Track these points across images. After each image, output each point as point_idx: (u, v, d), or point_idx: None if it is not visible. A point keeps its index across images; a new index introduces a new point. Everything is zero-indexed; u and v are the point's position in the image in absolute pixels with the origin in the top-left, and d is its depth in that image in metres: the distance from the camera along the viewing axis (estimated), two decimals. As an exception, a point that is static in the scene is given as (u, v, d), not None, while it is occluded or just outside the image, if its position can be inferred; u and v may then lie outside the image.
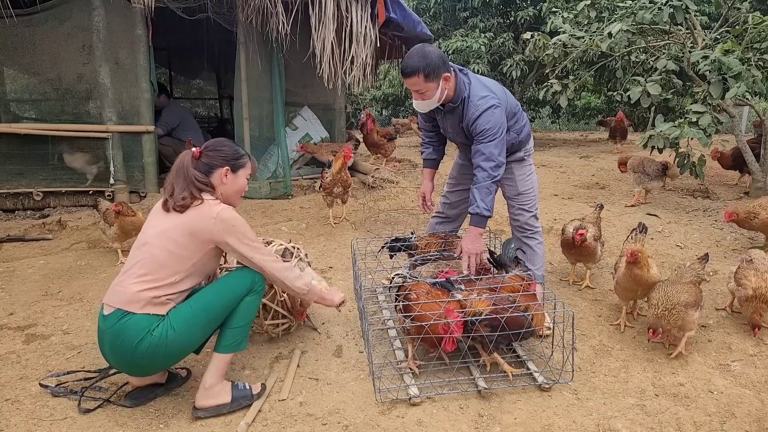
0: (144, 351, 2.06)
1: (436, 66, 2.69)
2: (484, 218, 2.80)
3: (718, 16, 6.28)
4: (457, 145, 3.27)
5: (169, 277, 2.12)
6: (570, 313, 2.52)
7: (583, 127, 15.12)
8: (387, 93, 15.24)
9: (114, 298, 2.12)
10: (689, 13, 5.08)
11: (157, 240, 2.15)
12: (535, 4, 9.81)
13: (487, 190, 2.77)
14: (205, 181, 2.26)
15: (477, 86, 2.83)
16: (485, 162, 2.76)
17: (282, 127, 5.89)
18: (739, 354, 2.73)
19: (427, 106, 2.87)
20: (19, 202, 5.14)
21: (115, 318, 2.08)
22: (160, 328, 2.08)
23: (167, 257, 2.13)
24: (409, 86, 2.81)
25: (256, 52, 5.59)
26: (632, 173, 5.33)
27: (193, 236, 2.15)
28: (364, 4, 5.07)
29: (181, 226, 2.15)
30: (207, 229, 2.16)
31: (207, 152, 2.31)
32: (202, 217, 2.16)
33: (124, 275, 2.15)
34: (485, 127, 2.75)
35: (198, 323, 2.15)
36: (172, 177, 2.26)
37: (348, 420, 2.21)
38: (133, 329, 2.05)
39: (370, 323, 2.82)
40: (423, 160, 3.39)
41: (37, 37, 5.16)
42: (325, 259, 4.07)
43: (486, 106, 2.76)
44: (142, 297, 2.08)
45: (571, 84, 5.98)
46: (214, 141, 2.38)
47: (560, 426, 2.19)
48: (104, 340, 2.13)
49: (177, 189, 2.22)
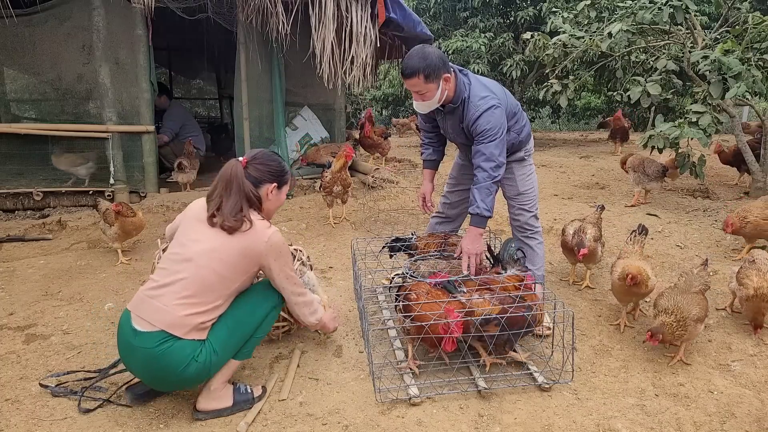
0: (188, 376, 2.07)
1: (436, 67, 2.69)
2: (484, 218, 2.80)
3: (718, 16, 6.28)
4: (457, 146, 3.27)
5: (215, 301, 2.10)
6: (570, 313, 2.52)
7: (583, 127, 15.11)
8: (387, 93, 15.23)
9: (154, 315, 2.04)
10: (689, 13, 5.08)
11: (206, 260, 2.08)
12: (535, 4, 9.81)
13: (487, 191, 2.77)
14: (257, 195, 2.21)
15: (477, 87, 2.83)
16: (486, 162, 2.76)
17: (282, 127, 5.89)
18: (739, 354, 2.73)
19: (428, 107, 2.87)
20: (19, 202, 5.14)
21: (156, 340, 2.01)
22: (204, 353, 2.07)
23: (216, 280, 2.08)
24: (409, 87, 2.81)
25: (256, 52, 5.59)
26: (632, 173, 5.34)
27: (243, 259, 2.12)
28: (364, 4, 5.06)
29: (231, 248, 2.09)
30: (258, 253, 2.14)
31: (256, 165, 2.24)
32: (254, 240, 2.12)
33: (164, 290, 2.07)
34: (485, 128, 2.75)
35: (234, 342, 2.19)
36: (221, 188, 2.16)
37: (348, 420, 2.21)
38: (178, 356, 2.02)
39: (370, 323, 2.82)
40: (423, 161, 3.38)
41: (37, 37, 5.17)
42: (325, 259, 4.07)
43: (486, 106, 2.76)
44: (188, 322, 2.03)
45: (571, 84, 5.98)
46: (261, 153, 2.31)
47: (560, 426, 2.19)
48: (135, 355, 2.06)
49: (228, 203, 2.12)
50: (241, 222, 2.11)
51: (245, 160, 2.24)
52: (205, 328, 2.10)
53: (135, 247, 4.35)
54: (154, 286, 2.11)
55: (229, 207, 2.12)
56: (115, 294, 3.44)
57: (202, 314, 2.07)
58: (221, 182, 2.18)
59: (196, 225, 2.19)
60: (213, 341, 2.11)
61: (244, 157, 2.27)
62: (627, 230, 4.53)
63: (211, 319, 2.11)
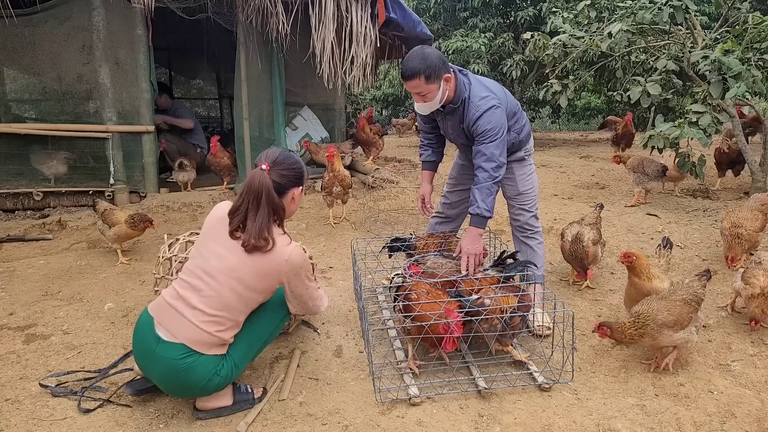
0: (210, 388, 2.11)
1: (436, 67, 2.69)
2: (484, 219, 2.80)
3: (718, 16, 6.28)
4: (457, 146, 3.27)
5: (236, 317, 2.12)
6: (570, 313, 2.52)
7: (583, 127, 15.11)
8: (387, 93, 15.24)
9: (176, 328, 2.04)
10: (689, 13, 5.07)
11: (225, 278, 2.05)
12: (535, 4, 9.81)
13: (488, 191, 2.77)
14: (282, 204, 2.14)
15: (477, 87, 2.83)
16: (486, 163, 2.76)
17: (282, 127, 5.89)
18: (739, 354, 2.73)
19: (429, 108, 2.87)
20: (19, 202, 5.14)
21: (179, 353, 2.02)
22: (226, 368, 2.11)
23: (237, 300, 2.08)
24: (409, 89, 2.80)
25: (256, 52, 5.59)
26: (632, 173, 5.33)
27: (262, 279, 2.10)
28: (364, 4, 5.06)
29: (249, 268, 2.05)
30: (277, 272, 2.10)
31: (280, 171, 2.13)
32: (274, 260, 2.07)
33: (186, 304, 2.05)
34: (486, 128, 2.75)
35: (252, 352, 2.28)
36: (247, 202, 2.06)
37: (348, 420, 2.21)
38: (201, 371, 2.04)
39: (370, 323, 2.82)
40: (422, 162, 3.38)
41: (37, 37, 5.16)
42: (325, 259, 4.07)
43: (487, 106, 2.76)
44: (211, 340, 2.04)
45: (571, 84, 5.97)
46: (281, 155, 2.17)
47: (560, 426, 2.19)
48: (156, 363, 2.06)
49: (254, 220, 2.04)
50: (265, 242, 2.05)
51: (267, 166, 2.12)
52: (226, 344, 2.13)
53: (135, 247, 4.35)
54: (175, 295, 2.10)
55: (256, 225, 2.04)
56: (115, 294, 3.44)
57: (224, 331, 2.09)
58: (249, 194, 2.07)
59: (218, 230, 2.13)
60: (234, 355, 2.15)
61: (265, 162, 2.13)
62: (627, 230, 4.54)
63: (232, 335, 2.14)
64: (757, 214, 3.67)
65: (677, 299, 2.54)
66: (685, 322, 2.49)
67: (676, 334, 2.47)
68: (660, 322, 2.44)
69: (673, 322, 2.46)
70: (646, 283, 2.79)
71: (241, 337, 2.17)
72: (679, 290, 2.62)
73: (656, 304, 2.51)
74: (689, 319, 2.51)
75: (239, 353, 2.17)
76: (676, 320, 2.46)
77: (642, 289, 2.79)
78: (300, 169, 2.23)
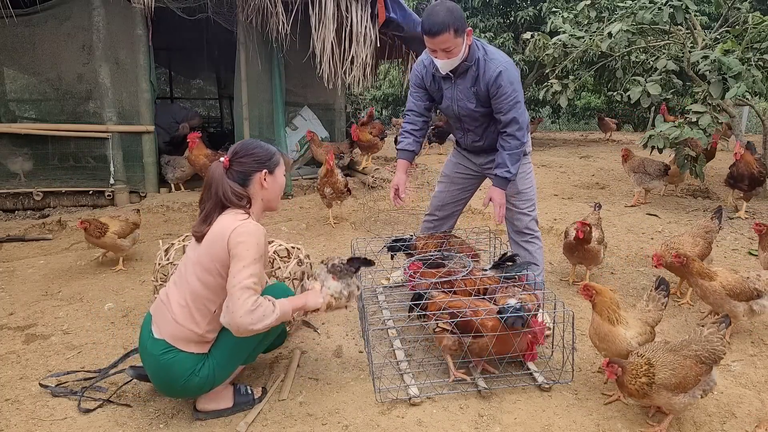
0: (191, 388, 2.11)
1: (462, 20, 2.65)
2: (509, 182, 2.90)
3: (718, 16, 6.28)
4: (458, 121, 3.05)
5: (208, 306, 2.04)
6: (570, 313, 2.52)
7: (583, 127, 15.12)
8: (387, 93, 15.24)
9: (163, 324, 2.09)
10: (689, 13, 5.08)
11: (191, 267, 2.07)
12: (535, 4, 9.81)
13: (517, 156, 2.87)
14: (242, 193, 2.10)
15: (490, 48, 2.84)
16: (518, 131, 2.81)
17: (282, 127, 5.90)
18: (739, 354, 2.73)
19: (452, 64, 2.77)
20: (19, 202, 5.15)
21: (160, 348, 2.05)
22: (206, 368, 2.08)
23: (201, 288, 2.04)
24: (435, 45, 2.67)
25: (256, 52, 5.59)
26: (632, 173, 5.33)
27: (211, 249, 2.02)
28: (364, 4, 5.07)
29: (205, 250, 2.04)
30: (222, 237, 1.99)
31: (238, 159, 2.11)
32: (220, 230, 2.01)
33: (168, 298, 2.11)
34: (507, 88, 2.73)
35: (241, 354, 2.20)
36: (204, 195, 2.11)
37: (348, 420, 2.21)
38: (179, 368, 2.05)
39: (370, 323, 2.81)
40: (398, 150, 3.18)
41: (37, 37, 5.17)
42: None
43: (504, 63, 2.75)
44: (188, 335, 2.05)
45: (571, 84, 5.97)
46: (242, 144, 2.17)
47: (560, 426, 2.18)
48: (147, 360, 2.13)
49: (203, 213, 2.08)
50: (205, 227, 2.06)
51: (227, 159, 2.12)
52: (206, 342, 2.10)
53: (135, 247, 4.35)
54: (164, 293, 2.16)
55: (201, 216, 2.09)
56: (115, 294, 3.44)
57: (196, 325, 2.06)
58: (206, 187, 2.12)
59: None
60: (216, 355, 2.12)
61: (226, 155, 2.14)
62: (627, 230, 4.54)
63: (209, 331, 2.08)
64: (698, 240, 3.34)
65: (690, 354, 2.08)
66: (691, 385, 2.05)
67: (676, 398, 2.05)
68: (660, 383, 2.02)
69: (675, 386, 2.03)
70: (604, 325, 2.34)
71: (225, 339, 2.12)
72: (693, 343, 2.12)
73: (663, 356, 2.08)
74: (696, 381, 2.06)
75: (224, 354, 2.12)
76: (679, 384, 2.03)
77: (599, 331, 2.36)
78: (262, 153, 2.14)
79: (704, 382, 2.09)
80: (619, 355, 2.27)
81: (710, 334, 2.15)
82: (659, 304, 2.45)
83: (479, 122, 2.97)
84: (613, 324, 2.33)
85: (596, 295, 2.36)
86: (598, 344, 2.38)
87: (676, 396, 2.03)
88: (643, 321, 2.40)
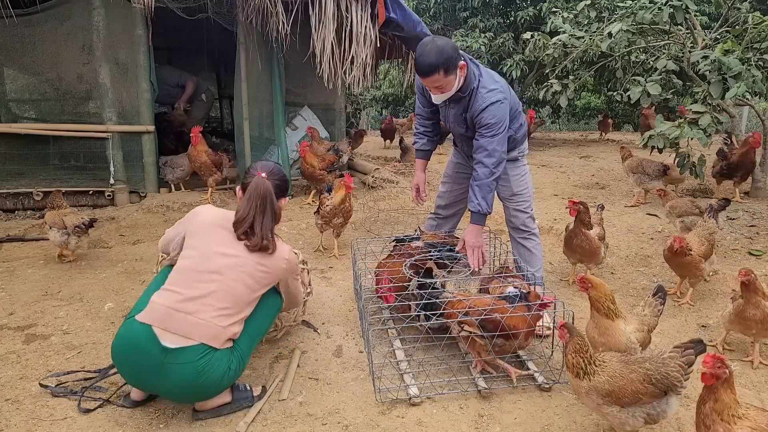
0: (224, 385, 2.15)
1: (453, 58, 2.67)
2: (483, 216, 2.83)
3: (718, 16, 6.27)
4: (454, 137, 3.25)
5: (245, 310, 2.19)
6: (570, 313, 2.52)
7: (583, 127, 15.11)
8: (387, 93, 15.23)
9: (190, 329, 2.04)
10: (689, 13, 5.07)
11: (235, 274, 2.15)
12: (535, 4, 9.80)
13: (488, 188, 2.79)
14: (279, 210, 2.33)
15: (486, 78, 2.84)
16: (487, 158, 2.76)
17: (282, 127, 5.89)
18: (739, 354, 2.73)
19: (445, 97, 2.85)
20: (19, 202, 5.14)
21: (196, 354, 2.03)
22: (235, 361, 2.15)
23: (245, 292, 2.17)
24: (428, 84, 2.78)
25: (256, 52, 5.59)
26: (632, 175, 5.34)
27: (266, 275, 2.23)
28: (364, 4, 5.06)
29: (254, 264, 2.18)
30: (279, 269, 2.26)
31: (275, 180, 2.34)
32: (276, 260, 2.24)
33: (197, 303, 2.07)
34: (489, 121, 2.75)
35: (254, 344, 2.32)
36: (254, 208, 2.21)
37: (348, 420, 2.21)
38: (218, 367, 2.08)
39: (370, 323, 2.82)
40: (416, 150, 3.34)
41: (37, 37, 5.16)
42: (325, 260, 4.07)
43: (493, 99, 2.76)
44: (225, 334, 2.10)
45: (571, 84, 5.97)
46: (274, 167, 2.40)
47: (560, 426, 2.19)
48: (167, 373, 2.02)
49: (260, 225, 2.20)
50: (270, 244, 2.21)
51: (266, 175, 2.30)
52: (236, 337, 2.18)
53: (135, 247, 4.35)
54: (181, 299, 2.07)
55: (264, 228, 2.21)
56: (115, 294, 3.44)
57: (236, 324, 2.15)
58: (256, 199, 2.22)
59: (218, 234, 2.21)
60: (241, 346, 2.19)
61: (262, 171, 2.32)
62: (627, 230, 4.54)
63: (241, 329, 2.19)
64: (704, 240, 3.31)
65: (638, 370, 1.95)
66: (627, 400, 1.92)
67: (608, 408, 1.95)
68: (593, 384, 1.96)
69: (606, 393, 1.93)
70: (603, 320, 2.33)
71: (243, 331, 2.22)
72: (648, 361, 1.98)
73: (611, 362, 2.01)
74: (636, 400, 1.92)
75: (245, 344, 2.21)
76: (612, 392, 1.92)
77: (599, 324, 2.35)
78: (287, 181, 2.49)
79: (651, 405, 1.94)
80: (618, 350, 2.26)
81: (669, 358, 1.97)
82: (655, 311, 2.45)
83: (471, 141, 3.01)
84: (611, 318, 2.33)
85: (592, 288, 2.35)
86: (597, 338, 2.36)
87: (608, 405, 1.94)
88: (641, 321, 2.41)
